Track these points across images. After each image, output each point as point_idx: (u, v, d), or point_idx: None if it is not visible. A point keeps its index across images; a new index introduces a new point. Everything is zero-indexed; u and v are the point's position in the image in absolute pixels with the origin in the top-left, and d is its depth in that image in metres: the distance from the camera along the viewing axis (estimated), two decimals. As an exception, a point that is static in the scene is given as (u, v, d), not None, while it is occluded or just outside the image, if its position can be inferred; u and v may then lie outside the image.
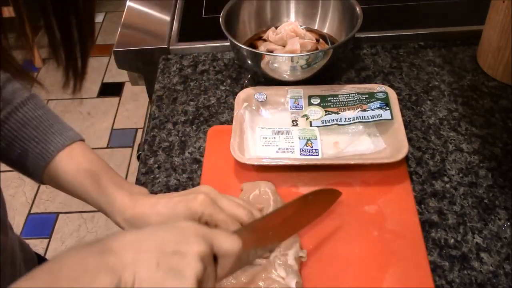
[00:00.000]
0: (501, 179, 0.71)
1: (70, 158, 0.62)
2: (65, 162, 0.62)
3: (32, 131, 0.62)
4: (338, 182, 0.71)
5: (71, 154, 0.63)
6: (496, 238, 0.64)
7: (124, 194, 0.61)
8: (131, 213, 0.59)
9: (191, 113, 0.84)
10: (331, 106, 0.78)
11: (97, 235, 1.84)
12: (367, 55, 0.93)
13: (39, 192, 2.00)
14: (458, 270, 0.61)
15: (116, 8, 2.89)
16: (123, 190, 0.61)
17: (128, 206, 0.60)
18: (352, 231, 0.65)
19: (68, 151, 0.63)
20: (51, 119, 0.64)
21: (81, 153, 0.63)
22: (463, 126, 0.78)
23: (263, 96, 0.81)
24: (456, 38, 0.94)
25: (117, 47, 0.97)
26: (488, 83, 0.85)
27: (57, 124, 0.64)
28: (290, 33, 0.86)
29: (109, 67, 2.53)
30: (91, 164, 0.63)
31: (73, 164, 0.62)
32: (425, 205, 0.68)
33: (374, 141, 0.75)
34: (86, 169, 0.62)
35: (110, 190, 0.61)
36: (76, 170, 0.62)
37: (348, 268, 0.61)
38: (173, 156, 0.78)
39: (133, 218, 0.59)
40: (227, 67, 0.93)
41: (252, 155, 0.73)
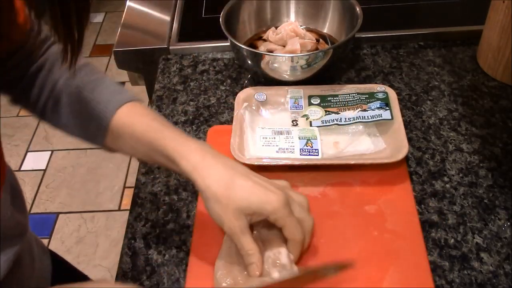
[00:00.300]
0: (501, 179, 0.71)
1: (133, 112, 0.61)
2: (128, 116, 0.61)
3: (89, 94, 0.62)
4: (338, 182, 0.71)
5: (133, 109, 0.62)
6: (496, 238, 0.64)
7: (193, 141, 0.59)
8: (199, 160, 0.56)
9: (191, 113, 0.84)
10: (331, 106, 0.78)
11: (97, 235, 1.84)
12: (367, 55, 0.93)
13: (39, 192, 2.00)
14: (458, 270, 0.61)
15: (116, 8, 2.89)
16: (192, 139, 0.59)
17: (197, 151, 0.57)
18: (352, 231, 0.65)
19: (129, 107, 0.61)
20: (107, 81, 0.64)
21: (142, 108, 0.62)
22: (463, 126, 0.78)
23: (263, 96, 0.81)
24: (456, 38, 0.94)
25: (117, 47, 0.97)
26: (488, 83, 0.85)
27: (113, 85, 0.64)
28: (290, 33, 0.86)
29: (109, 67, 2.53)
30: (154, 116, 0.61)
31: (135, 117, 0.61)
32: (425, 205, 0.68)
33: (374, 141, 0.75)
34: (149, 119, 0.60)
35: (178, 136, 0.59)
36: (139, 121, 0.60)
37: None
38: (173, 156, 0.78)
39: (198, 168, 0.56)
40: (227, 67, 0.93)
41: (252, 155, 0.73)
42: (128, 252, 0.66)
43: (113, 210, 1.92)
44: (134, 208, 0.71)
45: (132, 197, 0.73)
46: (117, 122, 0.61)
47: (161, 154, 0.58)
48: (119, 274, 0.64)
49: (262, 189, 0.56)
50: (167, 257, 0.65)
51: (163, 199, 0.72)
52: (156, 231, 0.68)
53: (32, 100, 0.63)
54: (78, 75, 0.63)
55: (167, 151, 0.57)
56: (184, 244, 0.66)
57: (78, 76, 0.63)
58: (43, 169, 2.08)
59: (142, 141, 0.59)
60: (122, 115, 0.61)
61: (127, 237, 0.68)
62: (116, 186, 2.00)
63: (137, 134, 0.59)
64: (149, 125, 0.60)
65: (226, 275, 0.58)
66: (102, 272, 1.73)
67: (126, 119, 0.61)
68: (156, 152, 0.59)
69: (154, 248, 0.66)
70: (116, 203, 1.94)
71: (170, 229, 0.68)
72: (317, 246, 0.63)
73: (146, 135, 0.59)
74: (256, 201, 0.55)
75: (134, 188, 0.74)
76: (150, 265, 0.65)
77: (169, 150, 0.57)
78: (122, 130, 0.60)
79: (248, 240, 0.56)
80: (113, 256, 1.78)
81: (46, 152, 2.16)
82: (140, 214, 0.70)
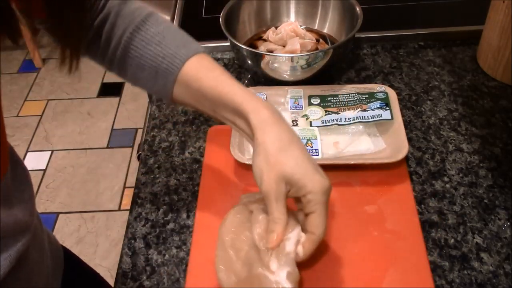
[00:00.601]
0: (501, 179, 0.71)
1: (198, 66, 0.61)
2: (194, 71, 0.60)
3: (156, 47, 0.62)
4: (338, 182, 0.71)
5: (200, 63, 0.61)
6: (496, 238, 0.64)
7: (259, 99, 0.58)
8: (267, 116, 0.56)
9: (191, 113, 0.84)
10: (331, 106, 0.78)
11: (97, 235, 1.84)
12: (367, 55, 0.93)
13: (39, 192, 2.00)
14: (458, 270, 0.61)
15: (116, 8, 2.89)
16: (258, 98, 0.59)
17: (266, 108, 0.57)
18: (352, 231, 0.65)
19: (195, 61, 0.61)
20: (173, 32, 0.64)
21: (209, 62, 0.62)
22: (463, 126, 0.78)
23: (263, 96, 0.81)
24: (456, 38, 0.94)
25: (117, 47, 0.97)
26: (488, 83, 0.85)
27: (180, 36, 0.63)
28: (290, 33, 0.86)
29: (109, 67, 2.53)
30: (221, 70, 0.61)
31: (202, 71, 0.60)
32: (425, 205, 0.68)
33: (374, 141, 0.75)
34: (217, 74, 0.60)
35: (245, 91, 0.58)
36: (206, 75, 0.60)
37: (348, 268, 0.61)
38: (173, 156, 0.78)
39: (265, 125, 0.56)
40: (227, 67, 0.93)
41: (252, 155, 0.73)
42: (128, 252, 0.66)
43: (113, 210, 1.92)
44: (134, 208, 0.71)
45: (132, 197, 0.73)
46: (184, 76, 0.60)
47: (229, 107, 0.58)
48: (119, 274, 0.64)
49: (311, 167, 0.55)
50: (167, 257, 0.65)
51: (163, 199, 0.72)
52: (156, 231, 0.68)
53: (100, 52, 0.64)
54: (144, 26, 0.62)
55: (237, 104, 0.57)
56: (184, 244, 0.66)
57: (144, 28, 0.62)
58: (43, 169, 2.08)
59: (210, 94, 0.59)
60: (189, 68, 0.60)
61: (127, 237, 0.68)
62: (116, 186, 2.00)
63: (204, 88, 0.59)
64: (217, 79, 0.59)
65: (229, 274, 0.58)
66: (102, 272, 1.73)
67: (193, 73, 0.60)
68: (224, 106, 0.59)
69: (154, 248, 0.66)
70: (116, 203, 1.94)
71: (170, 229, 0.68)
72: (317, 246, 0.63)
73: (214, 89, 0.59)
74: (302, 175, 0.54)
75: (134, 188, 0.74)
76: (150, 265, 0.65)
77: (239, 103, 0.57)
78: (190, 83, 0.60)
79: (280, 208, 0.54)
80: (113, 256, 1.78)
81: (46, 152, 2.16)
82: (140, 214, 0.71)
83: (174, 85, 0.61)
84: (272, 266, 0.54)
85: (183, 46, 0.62)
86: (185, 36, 0.64)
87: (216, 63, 0.62)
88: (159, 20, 0.64)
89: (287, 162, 0.54)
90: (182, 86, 0.61)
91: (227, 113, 0.59)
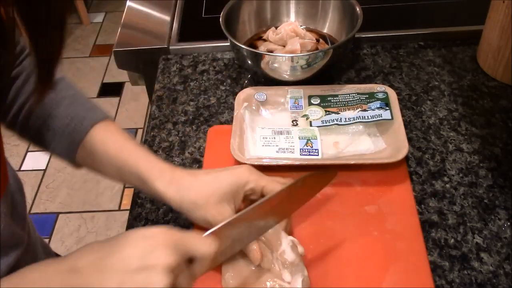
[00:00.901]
0: (501, 179, 0.71)
1: (105, 131, 0.62)
2: (101, 135, 0.62)
3: (66, 109, 0.62)
4: (338, 182, 0.71)
5: (106, 128, 0.63)
6: (496, 238, 0.64)
7: (163, 162, 0.61)
8: (170, 177, 0.59)
9: (191, 113, 0.84)
10: (331, 106, 0.78)
11: (97, 235, 1.84)
12: (367, 55, 0.93)
13: (39, 192, 2.00)
14: (458, 270, 0.61)
15: (116, 8, 2.89)
16: (162, 161, 0.62)
17: (166, 170, 0.60)
18: (352, 231, 0.65)
19: (102, 126, 0.62)
20: (82, 98, 0.65)
21: (115, 128, 0.63)
22: (463, 126, 0.78)
23: (263, 96, 0.81)
24: (456, 38, 0.94)
25: (117, 47, 0.97)
26: (488, 83, 0.85)
27: (88, 102, 0.65)
28: (290, 33, 0.86)
29: (109, 67, 2.53)
30: (127, 136, 0.63)
31: (109, 136, 0.62)
32: (425, 205, 0.68)
33: (374, 141, 0.75)
34: (123, 140, 0.62)
35: (150, 157, 0.61)
36: (112, 141, 0.61)
37: (348, 268, 0.61)
38: (173, 156, 0.78)
39: (171, 184, 0.58)
40: (227, 67, 0.93)
41: (252, 155, 0.73)
42: (128, 252, 0.66)
43: (113, 210, 1.92)
44: (134, 208, 0.71)
45: (132, 197, 0.73)
46: (90, 140, 0.62)
47: (134, 175, 0.60)
48: (119, 274, 0.64)
49: (226, 172, 0.58)
50: (167, 257, 0.65)
51: (163, 199, 0.72)
52: (156, 231, 0.68)
53: (3, 109, 0.63)
54: (55, 88, 0.62)
55: (141, 172, 0.59)
56: (184, 244, 0.66)
57: (55, 89, 0.63)
58: (43, 169, 2.08)
59: (115, 160, 0.61)
60: (96, 133, 0.62)
61: (127, 237, 0.68)
62: (116, 186, 2.00)
63: (110, 153, 0.61)
64: (122, 146, 0.61)
65: (235, 277, 0.58)
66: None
67: (100, 137, 0.62)
68: (129, 173, 0.60)
69: (154, 248, 0.66)
70: (116, 203, 1.94)
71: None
72: (318, 246, 0.63)
73: (120, 155, 0.60)
74: (228, 184, 0.57)
75: (134, 188, 0.74)
76: (150, 265, 0.64)
77: (143, 171, 0.59)
78: (95, 147, 0.61)
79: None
80: (113, 256, 1.78)
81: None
82: (140, 214, 0.70)
83: (78, 147, 0.62)
84: (286, 277, 0.56)
85: (92, 111, 0.63)
86: (93, 103, 0.65)
87: (121, 130, 0.63)
88: (70, 85, 0.66)
89: (210, 190, 0.57)
90: (87, 149, 0.62)
91: (133, 180, 0.61)
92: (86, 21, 2.79)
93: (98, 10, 2.90)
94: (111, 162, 0.61)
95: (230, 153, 0.71)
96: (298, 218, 0.66)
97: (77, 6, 2.70)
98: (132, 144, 0.62)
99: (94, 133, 0.62)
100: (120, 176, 0.62)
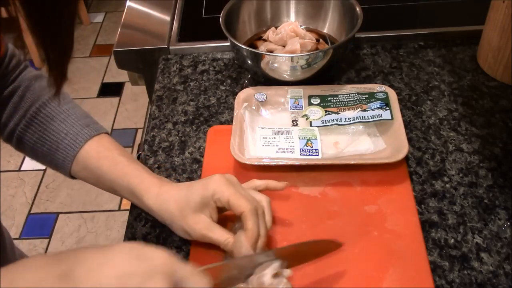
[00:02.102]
0: (501, 179, 0.71)
1: (99, 145, 0.65)
2: (95, 150, 0.64)
3: (61, 123, 0.65)
4: (338, 182, 0.71)
5: (100, 143, 0.65)
6: (496, 238, 0.64)
7: (153, 176, 0.63)
8: (157, 192, 0.61)
9: (191, 113, 0.84)
10: (331, 106, 0.78)
11: (97, 235, 1.84)
12: (367, 55, 0.93)
13: (39, 192, 2.00)
14: (458, 270, 0.61)
15: (116, 8, 2.89)
16: (153, 175, 0.64)
17: (155, 184, 0.62)
18: (352, 231, 0.65)
19: (96, 140, 0.65)
20: (78, 113, 0.67)
21: (109, 142, 0.66)
22: (463, 126, 0.78)
23: (263, 96, 0.81)
24: (456, 38, 0.94)
25: (117, 47, 0.97)
26: (488, 83, 0.85)
27: (84, 118, 0.67)
28: (290, 33, 0.86)
29: (109, 67, 2.53)
30: (120, 151, 0.65)
31: (103, 150, 0.64)
32: (425, 205, 0.68)
33: (374, 141, 0.75)
34: (116, 154, 0.64)
35: (140, 172, 0.63)
36: (105, 156, 0.64)
37: (348, 268, 0.61)
38: (173, 156, 0.78)
39: (157, 198, 0.61)
40: (227, 67, 0.93)
41: (252, 155, 0.73)
42: (128, 252, 0.66)
43: (113, 210, 1.92)
44: (134, 208, 0.71)
45: (132, 197, 0.73)
46: (84, 155, 0.64)
47: (126, 189, 0.63)
48: (119, 274, 0.64)
49: (199, 183, 0.61)
50: (167, 257, 0.65)
51: (163, 199, 0.72)
52: (156, 231, 0.68)
53: (1, 125, 0.65)
54: (50, 103, 0.65)
55: (132, 186, 0.62)
56: (184, 244, 0.66)
57: (51, 104, 0.65)
58: (43, 169, 2.08)
59: (108, 175, 0.63)
60: (90, 148, 0.64)
61: (127, 237, 0.68)
62: (116, 186, 2.00)
63: (103, 168, 0.63)
64: (115, 160, 0.64)
65: None
66: (102, 272, 1.73)
67: (93, 153, 0.64)
68: (122, 187, 0.63)
69: (154, 248, 0.66)
70: (116, 203, 1.94)
71: (170, 229, 0.68)
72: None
73: (113, 170, 0.63)
74: (198, 194, 0.59)
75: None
76: (150, 265, 0.64)
77: (134, 186, 0.62)
78: (89, 162, 0.64)
79: (218, 232, 0.59)
80: (113, 256, 1.78)
81: (46, 152, 2.16)
82: (140, 214, 0.70)
83: (73, 161, 0.64)
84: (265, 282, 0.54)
85: (87, 126, 0.65)
86: (88, 116, 0.68)
87: (116, 144, 0.66)
88: (66, 99, 0.68)
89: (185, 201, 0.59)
90: (80, 164, 0.64)
91: (125, 193, 0.64)
92: (86, 21, 2.79)
93: (98, 10, 2.90)
94: (105, 177, 0.64)
95: (230, 153, 0.71)
96: (298, 218, 0.66)
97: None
98: (125, 159, 0.64)
99: (88, 149, 0.64)
100: (113, 190, 0.65)
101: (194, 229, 0.59)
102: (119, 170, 0.63)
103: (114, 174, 0.63)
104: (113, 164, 0.63)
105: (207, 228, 0.59)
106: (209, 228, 0.59)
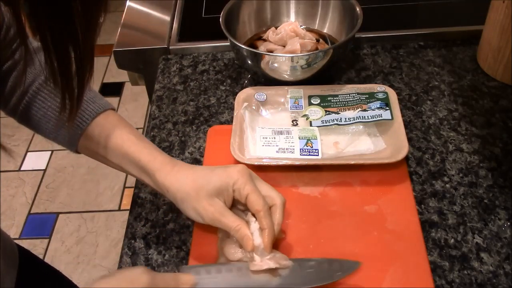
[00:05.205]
0: (501, 179, 0.71)
1: (106, 122, 0.63)
2: (102, 126, 0.63)
3: None
4: (338, 182, 0.71)
5: (107, 119, 0.63)
6: (496, 238, 0.64)
7: (165, 154, 0.62)
8: (170, 169, 0.60)
9: (191, 113, 0.84)
10: (331, 106, 0.78)
11: (97, 235, 1.84)
12: (367, 55, 0.93)
13: (39, 192, 2.00)
14: (458, 270, 0.61)
15: (116, 8, 2.88)
16: (164, 153, 0.63)
17: (168, 163, 0.61)
18: (352, 231, 0.65)
19: (103, 117, 0.63)
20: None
21: (117, 118, 0.64)
22: (463, 126, 0.78)
23: (263, 96, 0.81)
24: (456, 38, 0.94)
25: (117, 47, 0.97)
26: (488, 83, 0.85)
27: (90, 92, 0.65)
28: (290, 33, 0.86)
29: (109, 67, 2.53)
30: (129, 128, 0.63)
31: (111, 127, 0.63)
32: (425, 205, 0.68)
33: (374, 141, 0.75)
34: (124, 132, 0.63)
35: (151, 150, 0.62)
36: (114, 133, 0.62)
37: (348, 268, 0.61)
38: (173, 156, 0.78)
39: (171, 176, 0.60)
40: (227, 67, 0.93)
41: (252, 155, 0.73)
42: (128, 252, 0.66)
43: (113, 210, 1.92)
44: (134, 208, 0.71)
45: (132, 197, 0.73)
46: (91, 132, 0.62)
47: (135, 166, 0.61)
48: (119, 274, 0.64)
49: (221, 169, 0.60)
50: (167, 257, 0.65)
51: (163, 199, 0.72)
52: (156, 231, 0.68)
53: (3, 98, 0.63)
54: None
55: (143, 164, 0.61)
56: (184, 244, 0.66)
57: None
58: (43, 169, 2.08)
59: (116, 152, 0.62)
60: (96, 124, 0.62)
61: (127, 237, 0.68)
62: (116, 186, 2.00)
63: (111, 145, 0.62)
64: (123, 137, 0.62)
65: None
66: (102, 272, 1.73)
67: (101, 129, 0.62)
68: (130, 164, 0.62)
69: (154, 248, 0.66)
70: (116, 203, 1.94)
71: (170, 229, 0.68)
72: (317, 246, 0.63)
73: (120, 147, 0.61)
74: (219, 179, 0.58)
75: (134, 188, 0.74)
76: (150, 265, 0.65)
77: (145, 163, 0.60)
78: (97, 139, 0.62)
79: (230, 218, 0.58)
80: (113, 256, 1.78)
81: (46, 152, 2.16)
82: (140, 214, 0.70)
83: (80, 138, 0.63)
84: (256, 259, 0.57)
85: (92, 102, 0.63)
86: (94, 92, 0.65)
87: (123, 120, 0.64)
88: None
89: (203, 183, 0.58)
90: (88, 140, 0.63)
91: (134, 171, 0.62)
92: (86, 21, 2.79)
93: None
94: (113, 154, 0.62)
95: (230, 153, 0.71)
96: (298, 218, 0.66)
97: (77, 6, 2.70)
98: (134, 135, 0.62)
99: (95, 125, 0.62)
100: (121, 166, 0.63)
101: (207, 211, 0.58)
102: (128, 148, 0.61)
103: (123, 152, 0.61)
104: (121, 142, 0.61)
105: (220, 212, 0.58)
106: (222, 212, 0.58)
